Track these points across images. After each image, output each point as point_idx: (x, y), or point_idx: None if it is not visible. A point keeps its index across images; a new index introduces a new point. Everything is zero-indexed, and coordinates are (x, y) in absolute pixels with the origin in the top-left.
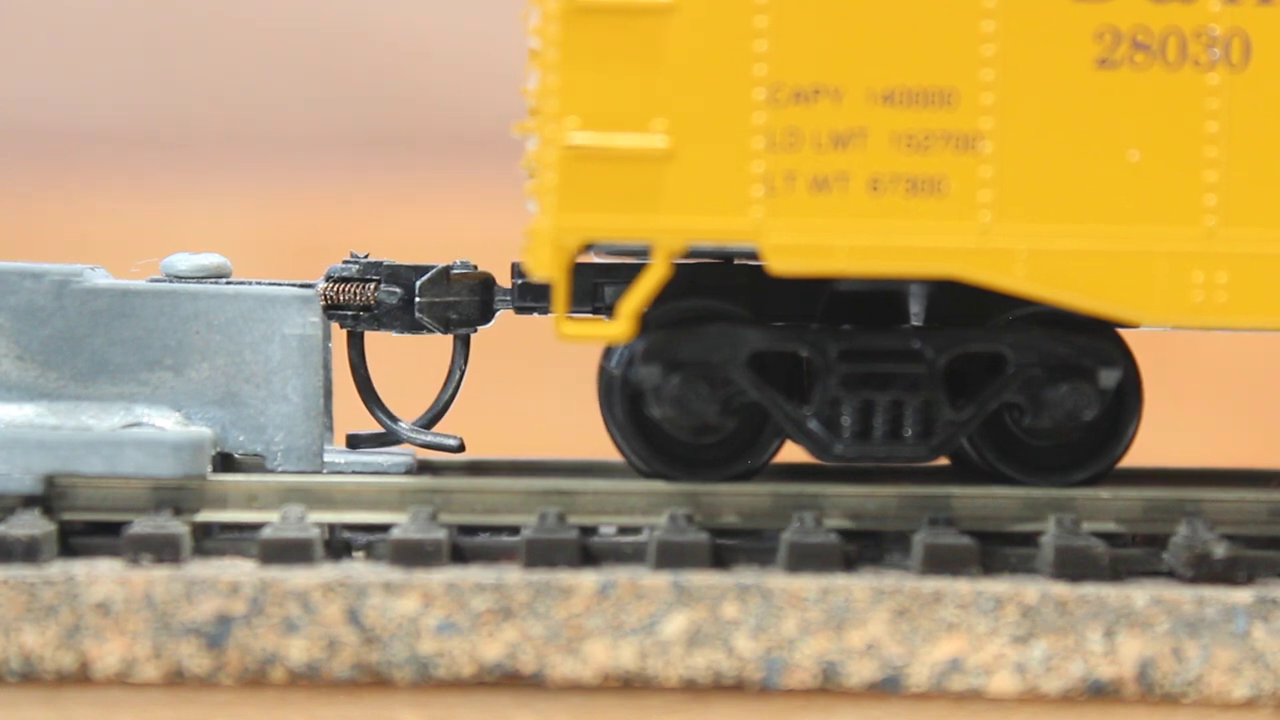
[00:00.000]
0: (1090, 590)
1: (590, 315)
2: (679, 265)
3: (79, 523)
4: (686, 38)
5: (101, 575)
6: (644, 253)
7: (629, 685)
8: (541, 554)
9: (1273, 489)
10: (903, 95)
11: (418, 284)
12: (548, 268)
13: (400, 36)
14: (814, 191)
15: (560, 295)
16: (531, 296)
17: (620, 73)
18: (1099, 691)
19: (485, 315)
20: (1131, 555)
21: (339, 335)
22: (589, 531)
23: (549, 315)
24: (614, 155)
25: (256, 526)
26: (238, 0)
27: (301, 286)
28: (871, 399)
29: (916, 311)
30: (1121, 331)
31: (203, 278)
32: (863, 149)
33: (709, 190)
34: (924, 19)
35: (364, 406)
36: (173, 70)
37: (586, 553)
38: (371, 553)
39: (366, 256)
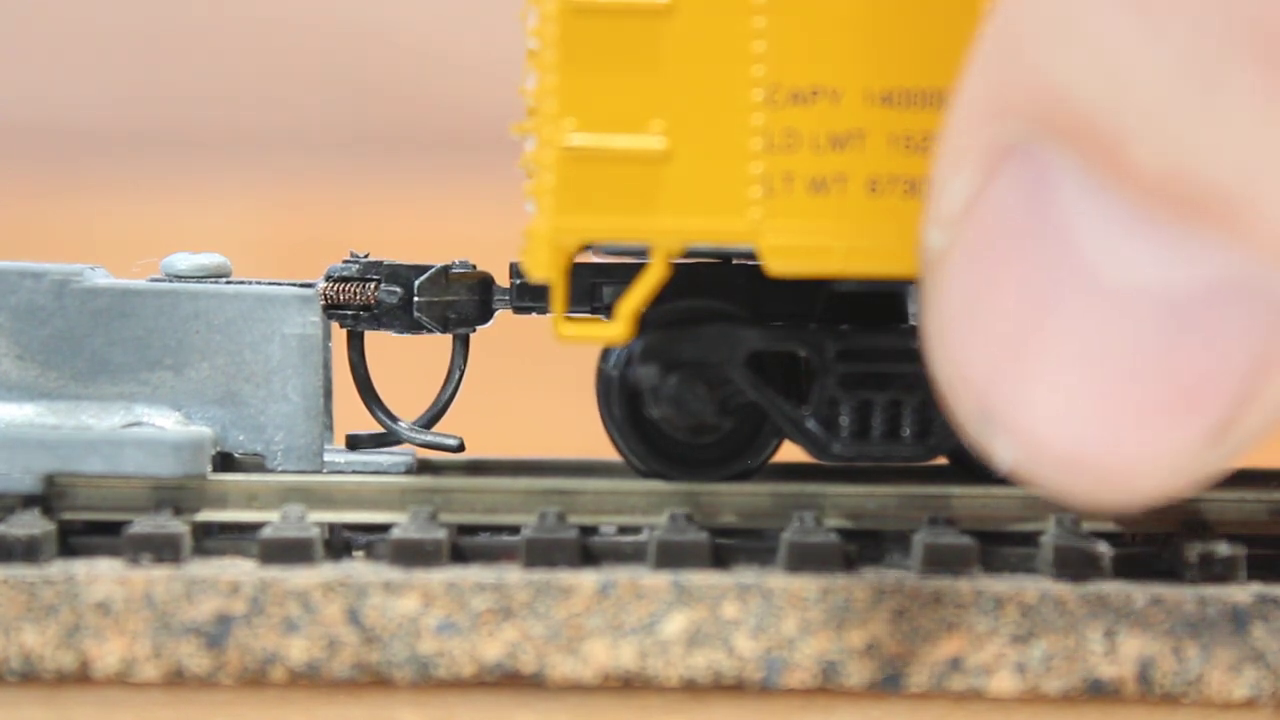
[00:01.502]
0: (1090, 590)
1: (588, 315)
2: (677, 265)
3: (78, 522)
4: (684, 39)
5: (101, 575)
6: (642, 252)
7: (629, 685)
8: (541, 553)
9: (1273, 489)
10: (901, 96)
11: (416, 283)
12: (546, 268)
13: (401, 37)
14: (812, 193)
15: (558, 296)
16: (530, 296)
17: (618, 74)
18: (1099, 691)
19: (484, 315)
20: (1131, 555)
21: (339, 335)
22: (589, 531)
23: (547, 315)
24: (612, 156)
25: (256, 526)
26: (238, 2)
27: (301, 286)
28: (869, 399)
29: (914, 311)
30: None
31: (203, 277)
32: (861, 150)
33: (707, 191)
34: (921, 21)
35: (364, 406)
36: (174, 71)
37: (586, 552)
38: (371, 552)
39: (366, 256)
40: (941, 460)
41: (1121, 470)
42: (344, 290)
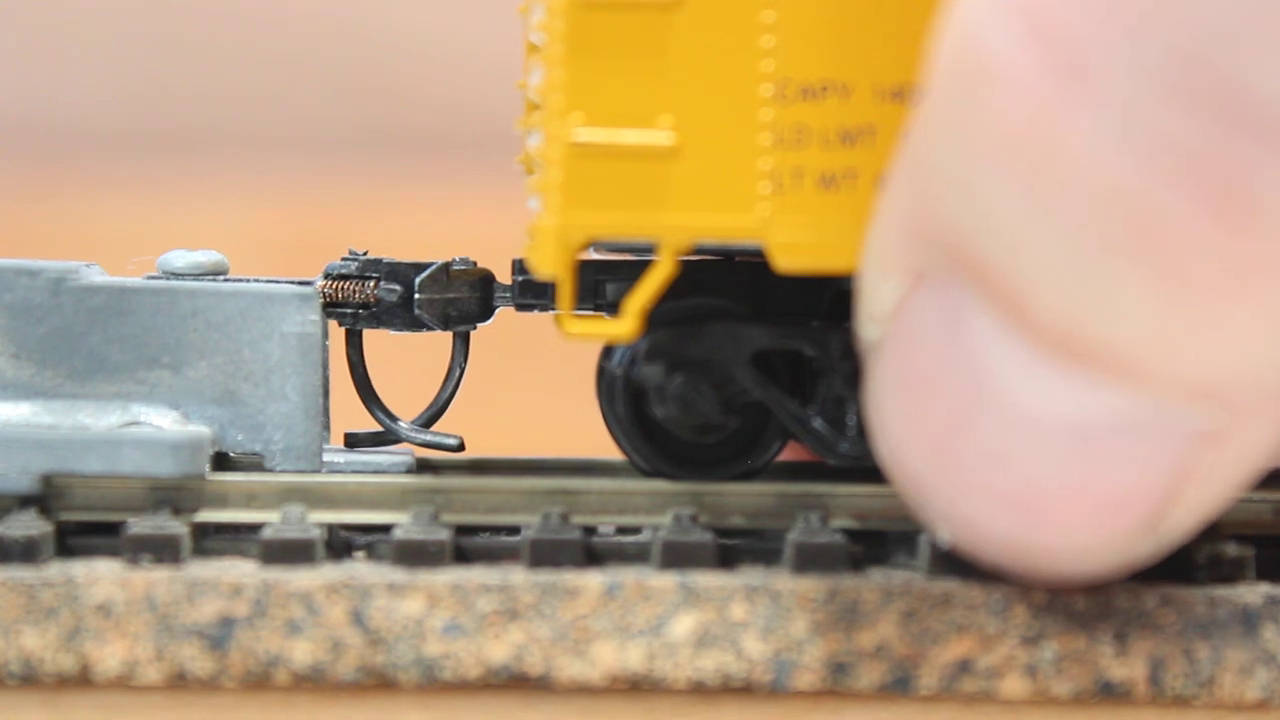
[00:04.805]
0: (1099, 591)
1: (592, 312)
2: (682, 262)
3: (76, 522)
4: (693, 33)
5: (101, 576)
6: (646, 249)
7: (637, 687)
8: (546, 554)
9: (1279, 489)
10: (912, 92)
11: (417, 280)
12: (552, 265)
13: (400, 37)
14: (821, 189)
15: (565, 293)
16: (532, 294)
17: (626, 68)
18: (1110, 693)
19: (485, 312)
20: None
21: (337, 333)
22: (592, 531)
23: (549, 312)
24: (619, 152)
25: (256, 527)
26: (238, 2)
27: (300, 284)
28: None
29: None
30: None
31: (200, 275)
32: (871, 146)
33: (715, 187)
34: (932, 15)
35: (362, 405)
36: (173, 70)
37: (591, 553)
38: (373, 553)
39: (365, 254)
40: None
41: (1057, 559)
42: (343, 288)
